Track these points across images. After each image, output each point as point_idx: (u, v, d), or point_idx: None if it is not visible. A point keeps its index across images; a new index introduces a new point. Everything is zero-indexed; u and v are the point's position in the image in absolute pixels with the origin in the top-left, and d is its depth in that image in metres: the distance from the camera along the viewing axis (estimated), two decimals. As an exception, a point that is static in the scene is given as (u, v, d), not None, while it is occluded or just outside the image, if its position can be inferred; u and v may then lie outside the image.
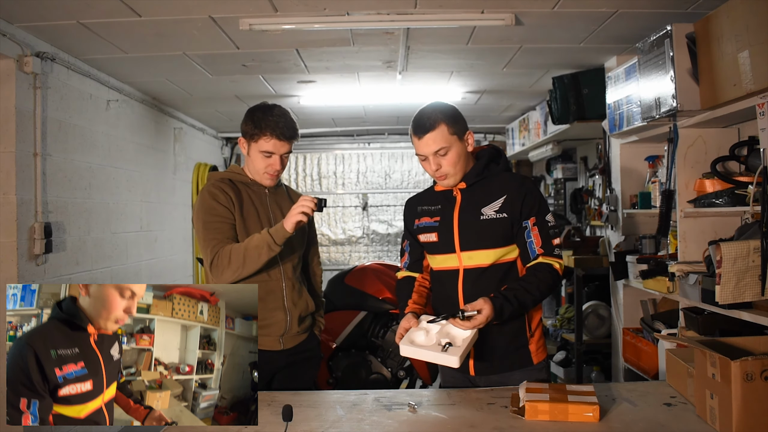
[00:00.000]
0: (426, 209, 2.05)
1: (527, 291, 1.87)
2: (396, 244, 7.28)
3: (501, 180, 1.98)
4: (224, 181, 2.23)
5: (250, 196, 2.23)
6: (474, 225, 1.94)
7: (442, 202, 2.02)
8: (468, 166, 1.98)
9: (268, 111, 2.19)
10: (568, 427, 1.61)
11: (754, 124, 2.46)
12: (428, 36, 3.41)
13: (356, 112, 5.82)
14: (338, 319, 3.67)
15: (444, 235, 1.98)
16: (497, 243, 1.93)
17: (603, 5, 2.93)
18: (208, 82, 4.33)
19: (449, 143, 1.90)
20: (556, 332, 4.70)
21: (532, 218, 1.92)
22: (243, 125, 2.22)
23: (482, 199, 1.96)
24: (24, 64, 3.07)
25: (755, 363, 1.50)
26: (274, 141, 2.17)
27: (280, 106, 2.23)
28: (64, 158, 3.48)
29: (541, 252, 1.91)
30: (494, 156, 2.02)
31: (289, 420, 1.57)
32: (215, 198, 2.16)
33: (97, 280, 3.78)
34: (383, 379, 3.64)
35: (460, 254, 1.96)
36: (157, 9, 2.87)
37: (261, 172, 2.22)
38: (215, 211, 2.14)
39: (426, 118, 1.90)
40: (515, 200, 1.93)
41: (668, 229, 3.02)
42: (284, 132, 2.17)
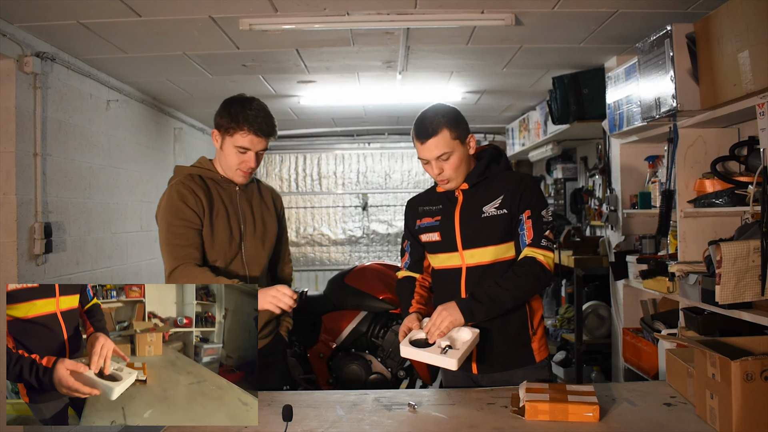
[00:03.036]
0: (427, 209, 2.06)
1: (501, 287, 1.85)
2: (396, 244, 7.27)
3: (501, 179, 1.99)
4: (194, 178, 2.09)
5: (220, 195, 2.11)
6: (475, 223, 1.95)
7: (444, 202, 2.02)
8: (470, 168, 1.98)
9: (247, 104, 2.07)
10: (568, 427, 1.61)
11: (754, 124, 2.46)
12: (428, 36, 3.41)
13: (356, 112, 5.82)
14: (338, 319, 3.67)
15: (446, 234, 1.99)
16: (498, 239, 1.94)
17: (603, 5, 2.93)
18: (208, 82, 4.33)
19: (451, 148, 1.90)
20: (556, 332, 4.70)
21: (527, 211, 1.92)
22: (218, 117, 2.09)
23: (483, 198, 1.97)
24: (24, 64, 3.07)
25: (755, 363, 1.49)
26: (251, 137, 2.03)
27: (259, 100, 2.12)
28: (64, 158, 3.48)
29: (530, 242, 1.90)
30: (495, 156, 2.03)
31: (289, 420, 1.57)
32: (184, 200, 2.02)
33: (97, 280, 3.78)
34: (383, 379, 3.63)
35: (462, 252, 1.96)
36: (157, 9, 2.87)
37: (234, 169, 2.08)
38: (182, 215, 2.01)
39: (429, 122, 1.90)
40: (514, 196, 1.93)
41: (668, 229, 3.02)
42: (262, 128, 2.05)
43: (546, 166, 6.04)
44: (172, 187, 2.07)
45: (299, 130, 6.68)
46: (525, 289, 1.88)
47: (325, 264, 7.23)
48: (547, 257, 1.90)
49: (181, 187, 2.04)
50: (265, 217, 2.22)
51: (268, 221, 2.22)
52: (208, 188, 2.09)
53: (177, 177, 2.12)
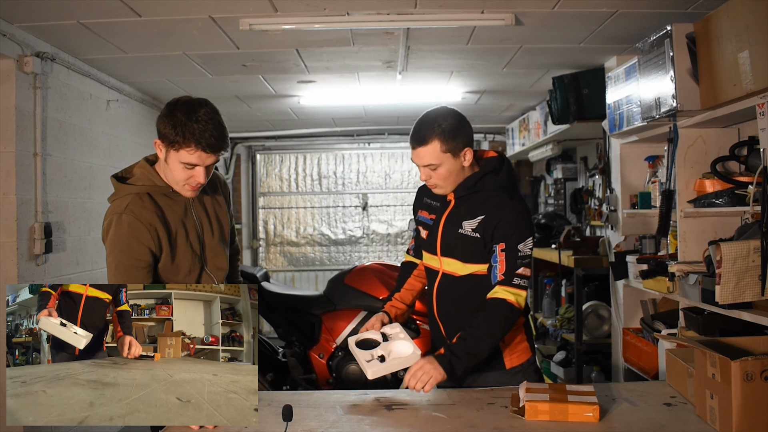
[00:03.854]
0: (428, 203, 2.07)
1: (477, 339, 1.83)
2: (396, 244, 7.28)
3: (488, 198, 1.93)
4: (143, 200, 1.84)
5: (174, 211, 1.89)
6: (452, 236, 1.96)
7: (441, 201, 2.03)
8: (462, 178, 1.94)
9: (192, 113, 1.77)
10: (568, 427, 1.61)
11: (754, 124, 2.46)
12: (428, 36, 3.40)
13: (356, 112, 5.82)
14: (338, 319, 3.67)
15: (431, 236, 2.02)
16: (469, 259, 1.94)
17: (603, 5, 2.93)
18: (208, 82, 4.33)
19: (440, 161, 1.87)
20: (556, 332, 4.70)
21: (501, 244, 1.86)
22: (161, 125, 1.80)
23: (467, 212, 1.94)
24: (24, 64, 3.07)
25: (755, 363, 1.50)
26: (199, 153, 1.78)
27: (207, 106, 1.82)
28: (64, 158, 3.48)
29: (501, 279, 1.85)
30: (496, 168, 1.96)
31: (289, 420, 1.57)
32: (137, 236, 1.80)
33: (97, 280, 3.77)
34: (383, 379, 3.63)
35: (440, 258, 1.99)
36: (157, 9, 2.87)
37: (181, 184, 1.85)
38: (132, 252, 1.80)
39: (423, 129, 1.86)
40: (489, 223, 1.89)
41: (668, 229, 3.02)
42: (211, 143, 1.78)
43: (546, 166, 6.04)
44: (122, 218, 1.82)
45: (299, 130, 6.68)
46: (498, 334, 1.86)
47: (325, 264, 7.23)
48: (518, 296, 1.84)
49: (135, 221, 1.81)
50: (219, 215, 2.04)
51: (222, 217, 2.05)
52: (160, 209, 1.86)
53: (121, 200, 1.85)
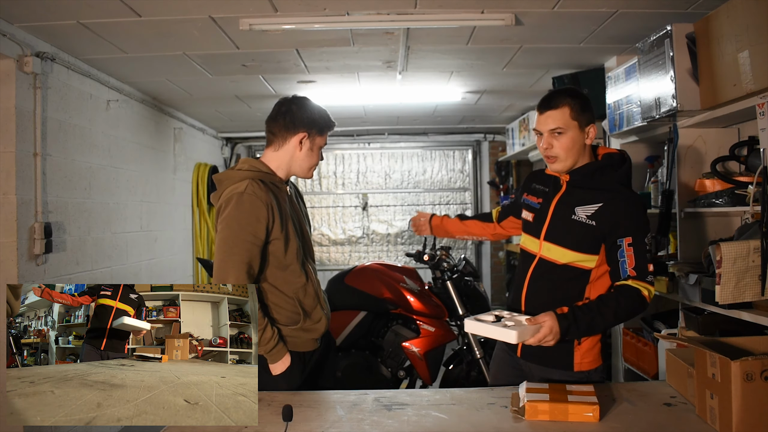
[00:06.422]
0: (536, 188, 2.09)
1: (603, 317, 1.83)
2: (396, 244, 7.28)
3: (607, 188, 1.92)
4: (262, 188, 1.96)
5: (283, 201, 2.06)
6: (564, 221, 1.94)
7: (550, 186, 2.03)
8: (580, 159, 1.94)
9: (315, 104, 2.11)
10: (568, 427, 1.61)
11: (754, 124, 2.46)
12: (428, 36, 3.41)
13: (356, 112, 5.82)
14: (338, 319, 3.66)
15: (537, 219, 2.01)
16: (577, 247, 1.92)
17: (603, 5, 2.93)
18: (208, 82, 4.33)
19: (566, 126, 1.89)
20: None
21: (628, 238, 1.85)
22: (307, 119, 2.05)
23: (581, 198, 1.93)
24: (24, 64, 3.07)
25: (755, 363, 1.50)
26: (327, 135, 2.13)
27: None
28: (64, 158, 3.48)
29: (633, 274, 1.84)
30: (616, 163, 1.96)
31: (289, 420, 1.57)
32: (257, 214, 1.92)
33: (97, 280, 3.77)
34: (383, 379, 3.63)
35: (542, 242, 1.98)
36: (157, 9, 2.87)
37: (308, 168, 2.10)
38: (251, 228, 1.91)
39: (554, 96, 1.93)
40: (610, 213, 1.87)
41: (668, 229, 3.02)
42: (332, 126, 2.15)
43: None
44: (243, 197, 1.92)
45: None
46: (622, 320, 1.90)
47: (325, 264, 7.23)
48: (651, 291, 1.85)
49: (254, 197, 1.92)
50: (307, 215, 2.28)
51: (307, 218, 2.29)
52: (275, 197, 2.01)
53: (240, 183, 1.97)
